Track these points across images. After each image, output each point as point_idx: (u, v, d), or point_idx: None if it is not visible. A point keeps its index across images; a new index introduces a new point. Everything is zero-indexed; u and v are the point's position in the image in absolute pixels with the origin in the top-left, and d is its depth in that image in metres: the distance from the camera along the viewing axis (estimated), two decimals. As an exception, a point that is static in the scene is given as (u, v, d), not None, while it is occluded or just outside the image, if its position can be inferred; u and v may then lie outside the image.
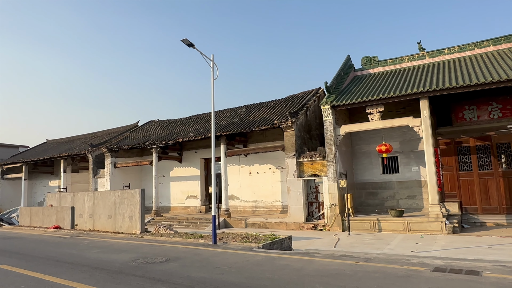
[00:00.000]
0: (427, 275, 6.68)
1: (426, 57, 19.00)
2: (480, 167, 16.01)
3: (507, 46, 17.21)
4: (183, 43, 11.38)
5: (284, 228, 16.71)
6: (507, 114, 15.49)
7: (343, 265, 7.82)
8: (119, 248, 11.37)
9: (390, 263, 7.90)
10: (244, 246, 10.66)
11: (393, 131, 17.59)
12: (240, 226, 18.16)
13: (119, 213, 15.65)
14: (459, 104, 16.40)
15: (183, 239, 12.63)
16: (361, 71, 20.68)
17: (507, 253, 9.50)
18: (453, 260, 8.21)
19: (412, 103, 16.20)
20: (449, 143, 16.65)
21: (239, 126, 19.34)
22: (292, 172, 17.07)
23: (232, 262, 8.37)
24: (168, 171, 24.95)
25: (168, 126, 26.53)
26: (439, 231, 13.37)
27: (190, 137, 20.56)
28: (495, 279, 6.24)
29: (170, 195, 24.77)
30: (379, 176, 18.31)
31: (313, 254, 9.33)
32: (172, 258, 9.11)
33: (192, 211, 23.46)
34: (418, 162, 17.24)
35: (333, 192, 15.82)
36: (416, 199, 17.24)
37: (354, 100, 15.45)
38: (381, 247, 11.23)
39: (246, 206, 21.38)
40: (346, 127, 16.25)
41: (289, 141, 17.26)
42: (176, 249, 10.73)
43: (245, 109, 23.29)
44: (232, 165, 21.92)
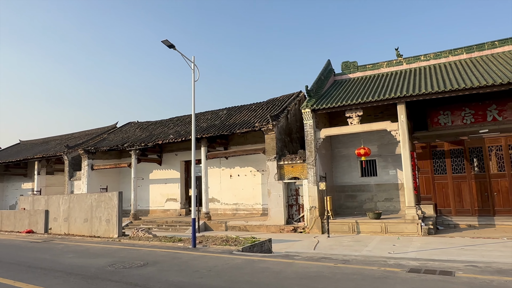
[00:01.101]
0: (403, 276, 6.83)
1: (403, 63, 19.54)
2: (454, 170, 16.54)
3: (479, 54, 17.92)
4: (163, 44, 11.25)
5: (265, 231, 16.72)
6: (479, 120, 16.09)
7: (322, 267, 7.89)
8: (95, 252, 11.07)
9: (368, 264, 8.04)
10: (224, 249, 10.60)
11: (372, 135, 17.95)
12: (221, 229, 18.05)
13: (96, 217, 15.26)
14: (434, 109, 16.92)
15: (161, 243, 12.44)
16: (341, 76, 21.04)
17: (478, 254, 9.84)
18: (428, 261, 8.43)
19: (390, 107, 16.59)
20: (425, 147, 17.13)
21: (220, 129, 19.27)
22: (272, 175, 17.13)
23: (211, 266, 8.30)
24: (147, 174, 24.55)
25: (148, 127, 26.14)
26: (415, 232, 13.71)
27: (170, 139, 20.32)
28: (467, 279, 6.45)
29: (149, 198, 24.36)
30: (358, 179, 18.63)
31: (292, 257, 9.37)
32: (150, 262, 8.95)
33: (171, 214, 23.15)
34: (395, 166, 17.65)
35: (313, 195, 15.97)
36: (394, 202, 17.63)
37: (334, 104, 15.68)
38: (359, 249, 11.41)
39: (226, 209, 21.28)
40: (326, 131, 16.46)
41: (270, 144, 17.32)
42: (155, 253, 10.55)
43: (226, 111, 23.24)
44: (213, 167, 21.80)
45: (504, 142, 15.70)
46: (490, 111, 15.89)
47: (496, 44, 17.71)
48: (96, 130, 30.15)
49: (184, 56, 11.94)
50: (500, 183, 15.66)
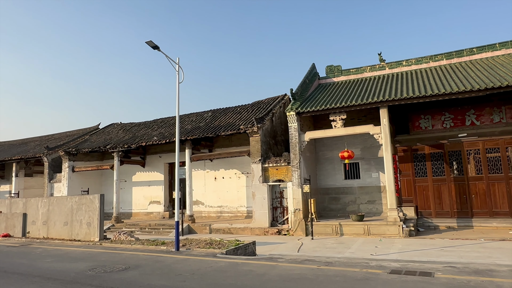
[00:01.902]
0: (384, 277, 6.93)
1: (386, 68, 19.92)
2: (434, 173, 16.93)
3: (458, 60, 18.45)
4: (148, 45, 11.14)
5: (249, 233, 16.70)
6: (458, 124, 16.54)
7: (305, 269, 7.93)
8: (75, 256, 10.82)
9: (350, 266, 8.13)
10: (207, 252, 10.53)
11: (355, 138, 18.20)
12: (205, 232, 17.93)
13: (76, 220, 14.92)
14: (416, 113, 17.29)
15: (144, 246, 12.25)
16: (325, 79, 21.28)
17: (457, 255, 10.09)
18: (409, 262, 8.59)
19: (373, 111, 16.86)
20: (406, 150, 17.48)
21: (205, 131, 19.17)
22: (257, 178, 17.14)
23: (194, 269, 8.23)
24: (130, 176, 24.18)
25: (131, 129, 25.77)
26: (396, 234, 13.95)
27: (154, 141, 20.09)
28: (446, 279, 6.60)
29: (132, 201, 23.99)
30: (341, 181, 18.84)
31: (276, 259, 9.39)
32: (132, 266, 8.81)
33: (155, 217, 22.85)
34: (378, 168, 17.93)
35: (297, 197, 16.05)
36: (376, 204, 17.90)
37: (319, 108, 15.84)
38: (342, 251, 11.53)
39: (211, 211, 21.16)
40: (311, 134, 16.60)
41: (254, 147, 17.34)
42: (137, 256, 10.38)
43: (211, 113, 23.15)
44: (197, 170, 21.66)
45: (481, 146, 16.18)
46: (469, 115, 16.36)
47: (474, 51, 18.27)
48: (78, 131, 29.52)
49: (168, 58, 11.84)
50: (477, 186, 16.12)
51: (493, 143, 16.01)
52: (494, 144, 15.98)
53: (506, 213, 15.49)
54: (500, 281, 6.36)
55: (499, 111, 15.87)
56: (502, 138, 15.81)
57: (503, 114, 15.80)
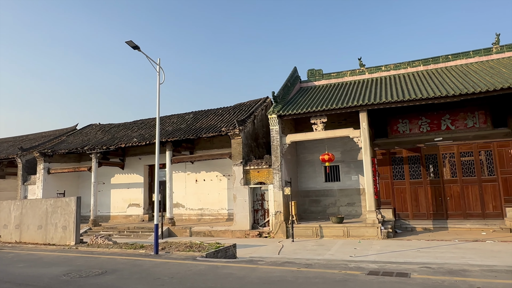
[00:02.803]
0: (362, 278, 7.04)
1: (366, 73, 20.32)
2: (411, 176, 17.35)
3: (434, 66, 19.03)
4: (128, 45, 10.96)
5: (230, 236, 16.63)
6: (434, 128, 17.04)
7: (285, 271, 7.96)
8: (49, 261, 10.47)
9: (330, 268, 8.21)
10: (187, 256, 10.41)
11: (336, 141, 18.45)
12: (185, 235, 17.73)
13: (51, 223, 14.46)
14: (394, 117, 17.70)
15: (122, 250, 12.00)
16: (307, 83, 21.51)
17: (432, 255, 10.36)
18: (386, 264, 8.75)
19: (353, 115, 17.13)
20: (385, 153, 17.85)
21: (186, 133, 19.00)
22: (238, 180, 17.10)
23: (173, 273, 8.12)
24: (109, 178, 23.66)
25: (110, 130, 25.25)
26: (375, 236, 14.20)
27: (133, 143, 19.74)
28: (421, 279, 6.76)
29: (111, 203, 23.46)
30: (322, 184, 19.04)
31: (256, 262, 9.38)
32: (109, 271, 8.60)
33: (134, 220, 22.43)
34: (357, 171, 18.23)
35: (278, 200, 16.11)
36: (355, 206, 18.18)
37: (300, 111, 15.98)
38: (322, 253, 11.64)
39: (191, 214, 20.95)
40: (292, 136, 16.72)
41: (236, 149, 17.31)
42: (114, 260, 10.15)
43: (192, 115, 22.98)
44: (178, 172, 21.42)
45: (456, 150, 16.71)
46: (444, 120, 16.88)
47: (449, 57, 18.90)
48: (54, 132, 28.68)
49: (149, 58, 11.69)
50: (452, 188, 16.62)
51: (467, 147, 16.56)
52: (468, 148, 16.54)
53: (479, 214, 16.04)
54: (473, 280, 6.57)
55: (472, 116, 16.45)
56: (475, 143, 16.37)
57: (476, 119, 16.38)
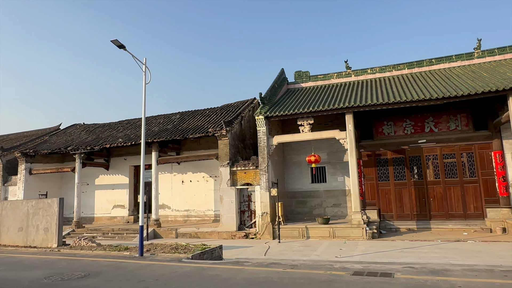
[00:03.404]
0: (347, 279, 7.10)
1: (352, 75, 20.56)
2: (396, 177, 17.63)
3: (418, 70, 19.40)
4: (113, 44, 10.81)
5: (216, 237, 16.56)
6: (418, 130, 17.35)
7: (271, 272, 7.96)
8: (30, 264, 10.21)
9: (315, 269, 8.25)
10: (172, 257, 10.31)
11: (322, 143, 18.60)
12: (171, 236, 17.57)
13: (33, 225, 14.11)
14: (379, 119, 17.95)
15: (106, 252, 11.80)
16: (294, 85, 21.63)
17: (416, 256, 10.54)
18: (371, 264, 8.86)
19: (339, 117, 17.30)
20: (370, 155, 18.09)
21: (173, 133, 18.85)
22: (225, 181, 17.05)
23: (158, 275, 8.02)
24: (93, 179, 23.26)
25: (95, 130, 24.85)
26: (360, 237, 14.36)
27: (119, 143, 19.46)
28: (404, 279, 6.87)
29: (95, 205, 23.07)
30: (308, 185, 19.16)
31: (242, 263, 9.36)
32: (92, 273, 8.44)
33: (118, 221, 22.10)
34: (343, 172, 18.41)
35: (265, 201, 16.13)
36: (341, 207, 18.35)
37: (287, 112, 16.05)
38: (308, 253, 11.70)
39: (177, 215, 20.77)
40: (279, 138, 16.77)
41: (223, 150, 17.26)
42: (98, 263, 9.97)
43: (179, 116, 22.81)
44: (164, 173, 21.22)
45: (439, 152, 17.06)
46: (428, 123, 17.20)
47: (433, 61, 19.29)
48: (36, 131, 28.03)
49: (135, 58, 11.55)
50: (435, 190, 16.96)
51: (449, 149, 16.93)
52: (451, 150, 16.91)
53: (460, 215, 16.41)
54: (454, 280, 6.71)
55: (455, 119, 16.82)
56: (458, 145, 16.76)
57: (459, 122, 16.76)
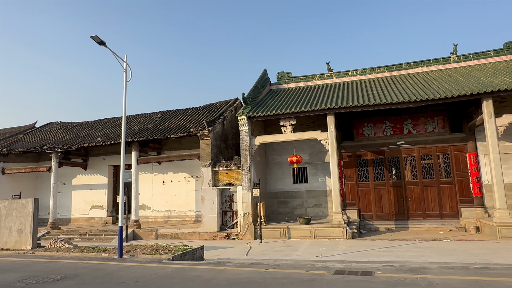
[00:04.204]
0: (329, 278, 7.18)
1: (333, 77, 20.84)
2: (375, 178, 17.97)
3: (398, 73, 19.86)
4: (93, 40, 10.54)
5: (197, 238, 16.41)
6: (397, 132, 17.75)
7: (253, 273, 7.95)
8: (2, 267, 9.80)
9: (297, 268, 8.30)
10: (153, 259, 10.14)
11: (304, 144, 18.76)
12: (151, 237, 17.29)
13: (5, 227, 13.57)
14: (360, 121, 18.26)
15: (83, 254, 11.49)
16: (277, 85, 21.73)
17: (394, 254, 10.77)
18: (352, 263, 8.98)
19: (321, 118, 17.49)
20: (350, 156, 18.37)
21: (154, 133, 18.56)
22: (207, 181, 16.93)
23: (138, 276, 7.87)
24: (70, 179, 22.61)
25: (72, 129, 24.18)
26: (341, 236, 14.55)
27: (97, 142, 19.00)
28: (384, 278, 7.00)
29: (72, 206, 22.43)
30: (290, 185, 19.27)
31: (224, 264, 9.31)
32: (69, 276, 8.19)
33: (96, 222, 21.57)
34: (324, 173, 18.62)
35: (246, 201, 16.11)
36: (322, 207, 18.54)
37: (269, 113, 16.09)
38: (289, 253, 11.75)
39: (158, 216, 20.47)
40: (261, 138, 16.79)
41: (205, 150, 17.13)
42: (75, 265, 9.69)
43: (160, 115, 22.51)
44: (145, 173, 20.87)
45: (417, 153, 17.51)
46: (406, 125, 17.63)
47: (412, 65, 19.79)
48: (10, 130, 27.00)
49: (115, 55, 11.31)
50: (413, 190, 17.39)
51: (427, 150, 17.40)
52: (428, 151, 17.39)
53: (437, 215, 16.88)
54: (432, 277, 6.89)
55: (432, 121, 17.30)
56: (435, 146, 17.25)
57: (436, 124, 17.26)
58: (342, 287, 6.42)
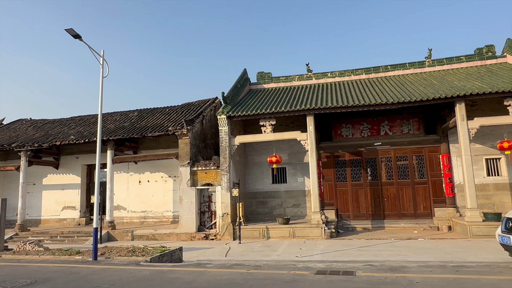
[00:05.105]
0: (311, 278, 7.16)
1: (313, 78, 21.02)
2: (353, 178, 18.26)
3: (375, 75, 20.27)
4: (68, 33, 10.10)
5: (175, 239, 16.09)
6: (374, 133, 18.10)
7: (234, 274, 7.83)
8: (-34, 272, 9.21)
9: (278, 269, 8.25)
10: (129, 261, 9.82)
11: (283, 144, 18.79)
12: (126, 239, 16.81)
13: (-31, 229, 12.79)
14: (338, 122, 18.50)
15: (55, 257, 10.98)
16: (256, 85, 21.68)
17: (372, 254, 10.93)
18: (332, 263, 9.03)
19: (300, 118, 17.57)
20: (329, 156, 18.58)
21: (130, 131, 18.07)
22: (185, 181, 16.64)
23: (115, 279, 7.58)
24: (40, 178, 21.65)
25: (44, 126, 23.18)
26: (319, 236, 14.66)
27: (71, 140, 18.29)
28: (366, 277, 7.06)
29: (42, 206, 21.47)
30: (269, 185, 19.26)
31: (204, 265, 9.14)
32: (39, 280, 7.78)
33: (69, 224, 20.76)
34: (303, 173, 18.73)
35: (225, 201, 15.95)
36: (301, 207, 18.64)
37: (249, 112, 16.00)
38: (269, 254, 11.71)
39: (133, 217, 19.93)
40: (241, 138, 16.68)
41: (183, 149, 16.83)
42: (46, 268, 9.23)
43: (137, 113, 21.95)
44: (120, 172, 20.28)
45: (393, 154, 17.93)
46: (383, 126, 18.01)
47: (389, 68, 20.25)
48: (-25, 126, 25.56)
49: (91, 49, 10.88)
50: (389, 190, 17.79)
51: (402, 152, 17.85)
52: (403, 153, 17.84)
53: (411, 214, 17.34)
54: (412, 276, 7.01)
55: (408, 123, 17.76)
56: (410, 148, 17.72)
57: (411, 126, 17.72)
58: (325, 287, 6.41)
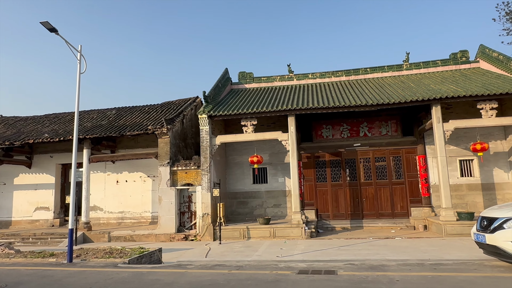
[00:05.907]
0: (293, 278, 7.16)
1: (294, 79, 21.15)
2: (333, 179, 18.48)
3: (355, 78, 20.62)
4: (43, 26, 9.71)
5: (154, 240, 15.79)
6: (353, 134, 18.39)
7: (216, 275, 7.74)
8: None
9: (260, 269, 8.21)
10: (107, 263, 9.54)
11: (264, 144, 18.80)
12: (103, 240, 16.35)
13: None
14: (319, 123, 18.68)
15: (27, 259, 10.53)
16: (238, 85, 21.60)
17: (352, 253, 11.08)
18: (313, 262, 9.08)
19: (281, 119, 17.63)
20: (309, 157, 18.73)
21: (108, 130, 17.60)
22: (165, 181, 16.36)
23: (91, 282, 7.33)
24: (11, 178, 20.75)
25: (15, 124, 22.25)
26: (299, 236, 14.74)
27: (44, 138, 17.62)
28: (347, 276, 7.13)
29: (13, 207, 20.58)
30: (250, 186, 19.21)
31: (185, 266, 8.99)
32: (10, 284, 7.42)
33: (42, 225, 19.99)
34: (284, 174, 18.80)
35: (206, 202, 15.80)
36: (281, 208, 18.70)
37: (231, 112, 15.92)
38: (250, 254, 11.66)
39: (110, 217, 19.42)
40: (222, 138, 16.56)
41: (163, 149, 16.55)
42: (17, 272, 8.82)
43: (115, 111, 21.42)
44: (97, 172, 19.71)
45: (371, 155, 18.28)
46: (363, 127, 18.33)
47: (368, 70, 20.64)
48: None
49: (68, 44, 10.51)
50: (367, 190, 18.11)
51: (380, 153, 18.22)
52: (382, 154, 18.21)
53: (389, 214, 17.72)
54: (392, 274, 7.13)
55: (386, 125, 18.14)
56: (388, 149, 18.11)
57: (389, 127, 18.12)
58: (308, 286, 6.42)
